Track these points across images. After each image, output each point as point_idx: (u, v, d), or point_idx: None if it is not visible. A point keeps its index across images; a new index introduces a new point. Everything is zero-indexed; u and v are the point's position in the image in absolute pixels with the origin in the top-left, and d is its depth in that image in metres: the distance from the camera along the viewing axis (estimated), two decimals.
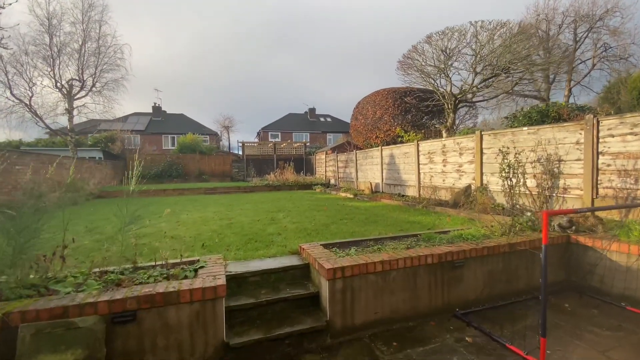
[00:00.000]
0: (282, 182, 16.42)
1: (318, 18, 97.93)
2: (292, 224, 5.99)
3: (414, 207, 8.25)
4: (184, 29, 79.02)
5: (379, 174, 12.05)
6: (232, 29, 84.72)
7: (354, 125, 13.95)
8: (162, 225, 6.15)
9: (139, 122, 33.88)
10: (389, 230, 5.37)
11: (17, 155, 8.73)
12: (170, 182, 19.68)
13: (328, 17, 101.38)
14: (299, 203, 9.68)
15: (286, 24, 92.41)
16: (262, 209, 8.35)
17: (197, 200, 11.40)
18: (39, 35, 13.97)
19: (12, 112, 13.55)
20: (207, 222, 6.40)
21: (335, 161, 16.41)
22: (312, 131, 38.04)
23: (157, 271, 3.16)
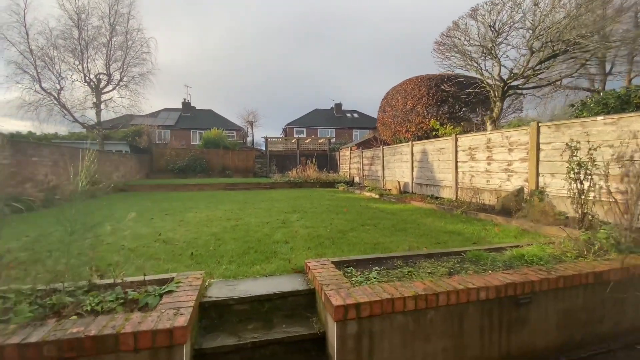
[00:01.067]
0: (303, 179, 15.64)
1: (348, 13, 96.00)
2: (304, 229, 5.11)
3: (451, 213, 7.06)
4: (215, 27, 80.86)
5: (409, 172, 10.85)
6: (262, 26, 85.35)
7: (381, 118, 12.77)
8: (162, 225, 5.55)
9: (169, 118, 34.75)
10: (421, 242, 4.32)
11: (34, 146, 8.64)
12: (194, 176, 19.66)
13: (358, 12, 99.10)
14: (317, 203, 8.79)
15: (316, 20, 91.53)
16: (276, 209, 7.57)
17: (213, 196, 10.91)
18: (67, 29, 14.26)
19: (41, 106, 13.96)
20: (211, 223, 5.70)
21: (360, 158, 15.34)
22: (337, 127, 37.01)
23: (115, 294, 2.42)
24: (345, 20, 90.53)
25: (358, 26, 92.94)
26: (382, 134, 13.27)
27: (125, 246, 4.05)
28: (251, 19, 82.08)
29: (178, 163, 19.90)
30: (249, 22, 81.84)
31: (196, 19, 74.49)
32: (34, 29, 13.43)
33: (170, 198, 10.22)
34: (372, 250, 3.85)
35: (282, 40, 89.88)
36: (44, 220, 5.91)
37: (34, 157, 8.48)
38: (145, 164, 19.09)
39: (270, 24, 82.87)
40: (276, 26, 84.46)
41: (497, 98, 8.77)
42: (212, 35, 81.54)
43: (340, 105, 40.18)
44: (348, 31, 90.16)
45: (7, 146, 7.44)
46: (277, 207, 8.00)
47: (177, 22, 67.58)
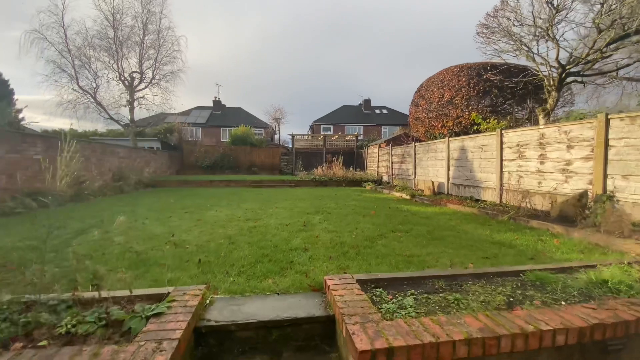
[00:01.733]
0: (329, 177, 15.13)
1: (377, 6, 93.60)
2: (326, 234, 4.59)
3: (496, 218, 6.20)
4: (244, 26, 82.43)
5: (444, 171, 9.94)
6: (291, 23, 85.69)
7: (413, 112, 11.86)
8: (179, 224, 5.29)
9: (201, 116, 35.73)
10: (465, 256, 3.63)
11: (66, 142, 8.86)
12: (222, 173, 19.88)
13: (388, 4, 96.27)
14: (342, 203, 8.23)
15: (345, 15, 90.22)
16: (298, 209, 7.12)
17: (237, 193, 10.72)
18: (103, 29, 14.84)
19: (79, 104, 14.67)
20: (229, 223, 5.36)
21: (390, 155, 14.50)
22: (366, 124, 36.00)
23: (97, 313, 2.05)
24: (374, 14, 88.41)
25: (388, 20, 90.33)
26: (415, 129, 12.36)
27: (133, 249, 3.76)
28: (280, 17, 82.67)
29: (207, 160, 20.23)
30: (278, 20, 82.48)
31: (226, 18, 76.34)
32: (72, 29, 14.12)
33: (195, 195, 10.16)
34: (405, 265, 3.24)
35: (310, 38, 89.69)
36: (64, 216, 5.91)
37: (65, 153, 8.70)
38: (175, 161, 19.59)
39: (299, 21, 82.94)
40: (304, 24, 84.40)
41: (552, 87, 7.63)
42: (242, 34, 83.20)
43: (368, 101, 39.10)
44: (378, 25, 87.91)
45: (38, 142, 7.65)
46: (300, 206, 7.55)
47: (208, 22, 69.65)
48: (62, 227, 4.97)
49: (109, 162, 11.20)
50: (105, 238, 4.22)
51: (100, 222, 5.33)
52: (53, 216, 5.86)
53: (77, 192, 7.99)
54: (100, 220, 5.50)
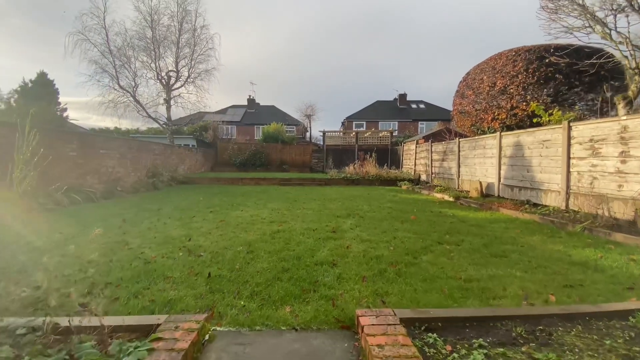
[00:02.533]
0: (361, 175, 14.35)
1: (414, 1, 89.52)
2: (359, 244, 3.94)
3: (565, 229, 5.12)
4: (279, 23, 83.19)
5: (494, 170, 8.76)
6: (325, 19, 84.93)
7: (458, 104, 10.65)
8: (199, 225, 4.94)
9: (236, 114, 36.52)
10: (541, 283, 2.80)
11: (104, 139, 9.10)
12: (254, 170, 19.93)
13: None
14: (377, 205, 7.49)
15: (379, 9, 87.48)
16: (327, 211, 6.53)
17: (265, 192, 10.40)
18: (141, 30, 15.35)
19: (119, 103, 15.34)
20: (251, 226, 4.91)
21: (429, 152, 13.37)
22: (401, 119, 34.42)
23: (64, 352, 1.61)
24: (413, 4, 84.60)
25: (426, 10, 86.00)
26: (459, 124, 11.15)
27: (144, 254, 3.41)
28: (314, 12, 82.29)
29: (239, 157, 20.39)
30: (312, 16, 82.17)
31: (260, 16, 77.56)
32: (112, 30, 14.74)
33: (224, 192, 9.99)
34: (462, 294, 2.50)
35: (344, 33, 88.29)
36: (89, 213, 5.86)
37: (101, 150, 8.93)
38: (210, 158, 19.97)
39: (333, 17, 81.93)
40: (339, 19, 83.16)
41: (636, 70, 6.22)
42: (276, 32, 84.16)
43: (404, 96, 37.34)
44: (415, 17, 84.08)
45: (74, 139, 7.83)
46: (330, 208, 6.95)
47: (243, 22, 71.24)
48: (82, 225, 4.85)
49: (144, 158, 11.44)
50: (118, 241, 3.94)
51: (122, 223, 5.14)
52: (78, 214, 5.84)
53: (109, 188, 8.10)
54: (122, 219, 5.33)
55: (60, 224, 4.83)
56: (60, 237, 4.08)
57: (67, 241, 3.92)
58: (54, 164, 7.17)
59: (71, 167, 7.59)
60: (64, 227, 4.67)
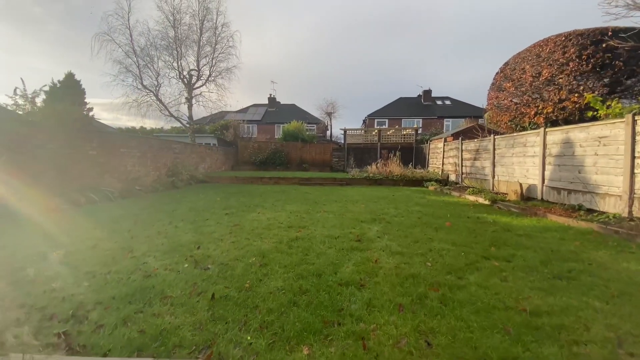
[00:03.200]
0: (384, 175, 13.64)
1: None
2: (389, 257, 3.39)
3: (634, 240, 4.29)
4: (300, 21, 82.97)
5: (537, 171, 7.85)
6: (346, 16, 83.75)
7: (494, 98, 9.66)
8: (212, 230, 4.57)
9: (257, 113, 36.66)
10: (631, 319, 2.13)
11: (124, 138, 9.06)
12: (274, 169, 19.71)
13: None
14: (404, 208, 6.85)
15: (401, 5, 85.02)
16: (350, 214, 5.99)
17: (284, 192, 10.01)
18: (164, 29, 15.47)
19: (143, 102, 15.55)
20: (267, 231, 4.48)
21: (459, 151, 12.45)
22: (425, 116, 33.06)
23: None
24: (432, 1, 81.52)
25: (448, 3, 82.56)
26: (494, 119, 10.17)
27: (146, 265, 3.05)
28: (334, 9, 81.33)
29: (259, 156, 20.24)
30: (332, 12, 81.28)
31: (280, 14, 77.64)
32: (136, 30, 14.94)
33: (242, 192, 9.70)
34: (532, 335, 1.90)
35: (365, 29, 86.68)
36: (103, 214, 5.66)
37: (122, 149, 8.88)
38: (230, 157, 19.95)
39: (354, 12, 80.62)
40: (359, 15, 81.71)
41: None
42: (296, 30, 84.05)
43: (429, 92, 35.89)
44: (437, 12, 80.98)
45: (94, 138, 7.77)
46: (352, 211, 6.40)
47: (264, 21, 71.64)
48: (91, 226, 4.62)
49: (165, 157, 11.40)
50: (123, 247, 3.62)
51: (132, 225, 4.88)
52: (92, 214, 5.65)
53: (128, 187, 8.00)
54: (134, 221, 5.08)
55: (70, 225, 4.64)
56: (65, 241, 3.83)
57: (71, 245, 3.65)
58: (74, 162, 7.13)
59: (91, 165, 7.54)
60: (73, 230, 4.45)
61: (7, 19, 43.96)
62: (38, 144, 6.31)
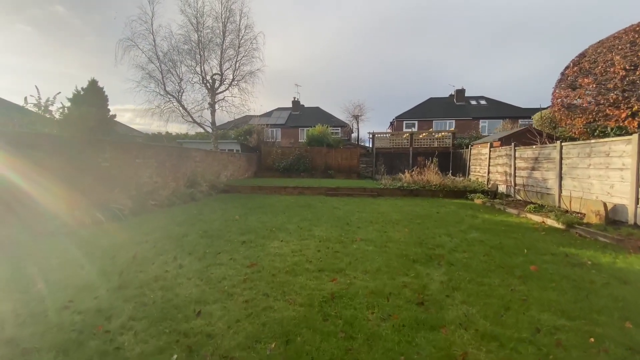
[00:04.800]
0: (420, 184, 12.22)
1: None
2: (481, 344, 2.17)
3: None
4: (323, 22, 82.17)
5: (627, 187, 6.21)
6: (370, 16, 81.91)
7: (563, 97, 7.92)
8: (223, 274, 3.56)
9: (281, 117, 36.14)
10: None
11: (139, 147, 8.42)
12: (297, 175, 18.79)
13: None
14: (459, 235, 5.53)
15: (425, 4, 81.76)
16: (394, 245, 4.78)
17: (311, 206, 8.94)
18: (186, 33, 15.04)
19: (166, 108, 15.19)
20: (293, 280, 3.40)
21: (510, 158, 10.80)
22: (459, 118, 30.87)
23: None
24: None
25: None
26: (564, 122, 8.44)
27: (118, 352, 2.06)
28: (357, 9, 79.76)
29: (283, 162, 19.43)
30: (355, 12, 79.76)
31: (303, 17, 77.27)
32: (159, 35, 14.60)
33: (264, 206, 8.76)
34: None
35: (390, 28, 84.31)
36: (96, 242, 4.82)
37: (137, 159, 8.24)
38: (253, 163, 19.30)
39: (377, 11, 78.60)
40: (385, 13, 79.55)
41: None
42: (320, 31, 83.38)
43: (462, 92, 33.60)
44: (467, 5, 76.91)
45: (107, 148, 7.13)
46: (395, 239, 5.19)
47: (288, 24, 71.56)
48: (78, 266, 3.77)
49: (184, 166, 10.76)
50: (100, 310, 2.66)
51: (130, 262, 3.98)
52: (86, 242, 4.79)
53: (141, 202, 7.29)
54: (133, 256, 4.19)
55: (53, 260, 3.80)
56: (27, 294, 2.96)
57: (34, 303, 2.76)
58: (83, 176, 6.50)
59: (102, 178, 6.88)
60: (52, 268, 3.62)
61: (45, 27, 46.81)
62: (41, 156, 5.68)
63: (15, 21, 50.19)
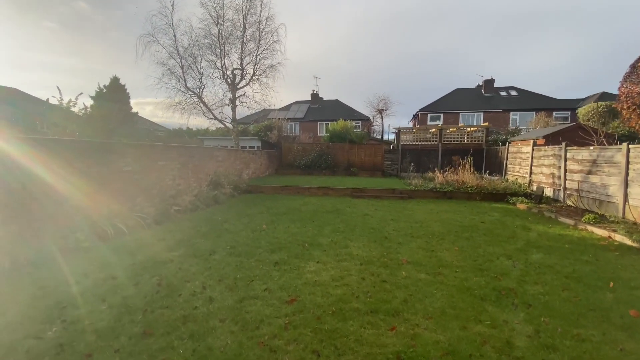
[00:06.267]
0: (455, 185, 11.35)
1: None
2: None
3: None
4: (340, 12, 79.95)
5: None
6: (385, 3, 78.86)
7: (635, 93, 6.84)
8: (258, 314, 3.05)
9: (299, 110, 35.52)
10: None
11: (162, 149, 8.07)
12: (319, 173, 18.23)
13: None
14: (520, 256, 4.79)
15: None
16: (449, 272, 4.13)
17: (340, 212, 8.36)
18: (207, 27, 14.56)
19: (187, 105, 14.90)
20: (342, 326, 2.85)
21: (560, 159, 9.74)
22: (487, 110, 29.13)
23: None
24: None
25: None
26: (635, 121, 7.37)
27: None
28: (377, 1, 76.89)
29: (304, 159, 18.89)
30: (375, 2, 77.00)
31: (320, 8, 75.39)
32: (179, 29, 14.23)
33: (290, 211, 8.27)
34: None
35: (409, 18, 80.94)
36: (111, 260, 4.43)
37: (160, 162, 7.90)
38: (274, 160, 18.89)
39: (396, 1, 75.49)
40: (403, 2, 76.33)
41: None
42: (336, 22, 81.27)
43: (491, 82, 31.69)
44: None
45: (129, 152, 6.79)
46: (448, 262, 4.53)
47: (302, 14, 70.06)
48: (83, 301, 3.36)
49: (207, 167, 10.41)
50: None
51: (151, 295, 3.56)
52: (103, 261, 4.41)
53: (164, 208, 6.95)
54: (158, 283, 3.76)
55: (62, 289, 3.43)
56: None
57: None
58: (104, 183, 6.19)
59: (125, 184, 6.57)
60: (69, 307, 3.23)
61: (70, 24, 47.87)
62: (60, 163, 5.37)
63: (42, 19, 51.69)
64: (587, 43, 75.99)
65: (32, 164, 4.80)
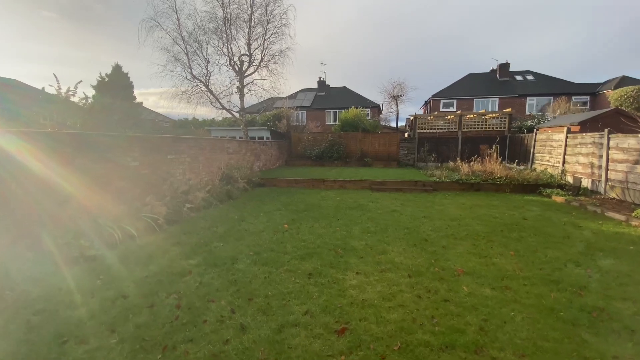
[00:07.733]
0: (482, 176, 10.61)
1: None
2: None
3: None
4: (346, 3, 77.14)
5: None
6: None
7: None
8: (301, 344, 2.45)
9: (306, 99, 34.50)
10: None
11: (171, 142, 7.44)
12: (331, 163, 17.53)
13: None
14: (591, 264, 4.12)
15: None
16: (516, 284, 3.49)
17: (363, 207, 7.73)
18: (212, 10, 13.67)
19: (193, 93, 14.18)
20: None
21: (602, 148, 8.91)
22: (503, 95, 27.89)
23: None
24: None
25: None
26: None
27: None
28: None
29: (315, 149, 18.18)
30: None
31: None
32: (183, 13, 13.36)
33: (310, 207, 7.65)
34: None
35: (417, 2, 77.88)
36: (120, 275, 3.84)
37: (169, 155, 7.28)
38: (284, 150, 18.22)
39: None
40: None
41: None
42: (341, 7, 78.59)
43: (506, 66, 30.29)
44: None
45: (135, 145, 6.17)
46: (509, 272, 3.88)
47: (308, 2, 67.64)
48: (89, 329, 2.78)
49: (218, 159, 9.79)
50: None
51: (168, 329, 2.97)
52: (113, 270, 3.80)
53: (176, 206, 6.36)
54: (177, 304, 3.17)
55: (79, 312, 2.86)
56: None
57: None
58: (110, 180, 5.60)
59: (132, 181, 5.98)
60: (70, 342, 2.65)
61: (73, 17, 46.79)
62: (60, 161, 4.77)
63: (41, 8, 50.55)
64: (603, 21, 72.75)
65: (26, 160, 4.20)
